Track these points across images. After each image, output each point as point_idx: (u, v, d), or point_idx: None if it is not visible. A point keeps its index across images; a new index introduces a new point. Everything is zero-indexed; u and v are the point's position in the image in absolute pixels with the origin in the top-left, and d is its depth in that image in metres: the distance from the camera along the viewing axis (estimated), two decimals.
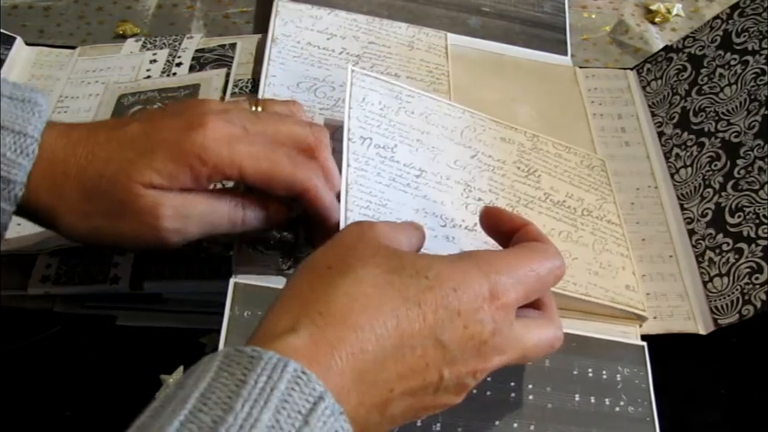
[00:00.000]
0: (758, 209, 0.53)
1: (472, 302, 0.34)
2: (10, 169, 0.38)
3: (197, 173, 0.39)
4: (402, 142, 0.51)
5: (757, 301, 0.49)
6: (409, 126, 0.52)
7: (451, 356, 0.34)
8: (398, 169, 0.50)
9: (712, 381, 0.52)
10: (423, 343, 0.33)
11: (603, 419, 0.46)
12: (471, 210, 0.50)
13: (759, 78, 0.58)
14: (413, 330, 0.33)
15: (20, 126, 0.38)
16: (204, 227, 0.41)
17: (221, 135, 0.39)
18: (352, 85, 0.52)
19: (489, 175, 0.53)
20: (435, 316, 0.33)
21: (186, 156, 0.38)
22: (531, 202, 0.53)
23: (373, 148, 0.50)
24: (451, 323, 0.34)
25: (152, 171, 0.38)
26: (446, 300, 0.34)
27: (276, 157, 0.41)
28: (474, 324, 0.34)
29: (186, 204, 0.40)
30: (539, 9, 0.70)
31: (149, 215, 0.39)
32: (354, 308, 0.32)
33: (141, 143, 0.39)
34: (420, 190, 0.50)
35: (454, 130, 0.54)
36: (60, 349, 0.49)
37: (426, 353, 0.33)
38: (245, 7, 0.72)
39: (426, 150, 0.52)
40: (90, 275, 0.49)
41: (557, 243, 0.50)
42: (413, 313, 0.33)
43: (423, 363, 0.33)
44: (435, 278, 0.34)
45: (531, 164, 0.55)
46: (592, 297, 0.50)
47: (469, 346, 0.34)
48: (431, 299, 0.33)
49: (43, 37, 0.69)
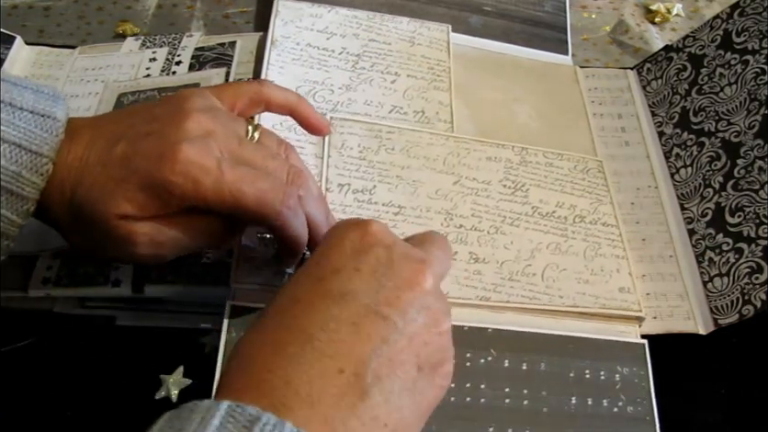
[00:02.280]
0: (758, 208, 0.53)
1: (342, 254, 0.35)
2: (25, 187, 0.39)
3: (167, 202, 0.39)
4: (381, 182, 0.52)
5: (757, 300, 0.49)
6: (389, 163, 0.53)
7: (369, 296, 0.33)
8: (375, 211, 0.51)
9: (712, 381, 0.52)
10: (328, 314, 0.32)
11: (600, 421, 0.46)
12: (452, 239, 0.51)
13: (759, 78, 0.58)
14: (309, 320, 0.32)
15: (37, 146, 0.39)
16: (180, 249, 0.42)
17: (191, 167, 0.38)
18: (330, 133, 0.53)
19: (472, 198, 0.53)
20: (316, 293, 0.33)
21: (155, 188, 0.38)
22: (517, 219, 0.53)
23: (351, 194, 0.51)
24: (339, 280, 0.33)
25: (126, 201, 0.39)
26: (314, 275, 0.34)
27: (244, 194, 0.40)
28: (364, 261, 0.34)
29: (158, 232, 0.40)
30: (540, 9, 0.70)
31: (125, 242, 0.40)
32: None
33: (121, 171, 0.39)
34: (398, 228, 0.51)
35: (436, 158, 0.55)
36: (60, 349, 0.49)
37: (341, 319, 0.32)
38: (245, 7, 0.72)
39: (406, 185, 0.53)
40: (91, 277, 0.49)
41: (545, 256, 0.52)
42: (296, 310, 0.33)
43: (352, 326, 0.32)
44: (297, 275, 0.35)
45: (518, 180, 0.55)
46: (581, 307, 0.50)
47: (382, 275, 0.34)
48: (301, 288, 0.34)
49: (43, 37, 0.69)
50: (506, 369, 0.47)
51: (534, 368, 0.47)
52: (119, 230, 0.39)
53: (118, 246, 0.40)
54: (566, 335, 0.49)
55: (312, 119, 0.47)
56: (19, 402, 0.47)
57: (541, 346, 0.48)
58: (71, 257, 0.50)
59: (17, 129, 0.39)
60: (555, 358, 0.47)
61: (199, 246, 0.43)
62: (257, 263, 0.46)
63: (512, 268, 0.51)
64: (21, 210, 0.40)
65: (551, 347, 0.48)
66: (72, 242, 0.43)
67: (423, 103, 0.59)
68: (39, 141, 0.39)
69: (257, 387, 0.30)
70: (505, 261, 0.51)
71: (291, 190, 0.41)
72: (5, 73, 0.41)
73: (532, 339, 0.48)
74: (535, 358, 0.47)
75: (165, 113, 0.41)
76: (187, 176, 0.38)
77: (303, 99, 0.47)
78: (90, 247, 0.42)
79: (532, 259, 0.51)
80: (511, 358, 0.47)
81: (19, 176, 0.39)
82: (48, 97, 0.41)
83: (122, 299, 0.50)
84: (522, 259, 0.51)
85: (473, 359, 0.47)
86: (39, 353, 0.49)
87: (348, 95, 0.57)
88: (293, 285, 0.34)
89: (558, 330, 0.49)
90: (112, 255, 0.42)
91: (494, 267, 0.50)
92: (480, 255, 0.51)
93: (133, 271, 0.49)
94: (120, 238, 0.39)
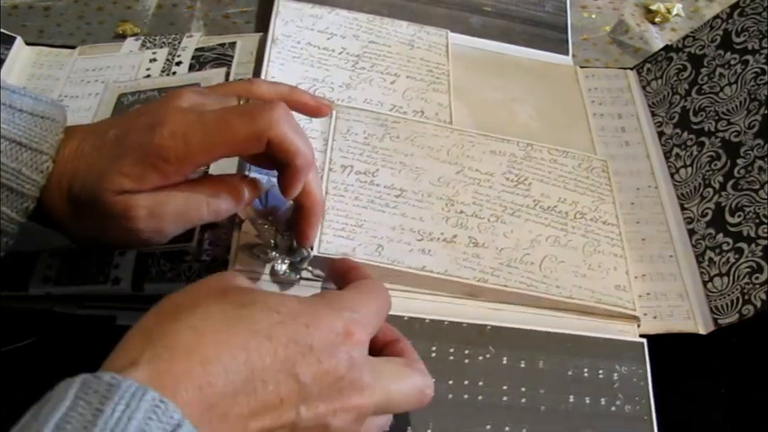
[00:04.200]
0: (758, 208, 0.53)
1: (325, 338, 0.33)
2: (25, 184, 0.39)
3: (164, 171, 0.39)
4: (385, 166, 0.53)
5: (757, 300, 0.49)
6: (393, 150, 0.54)
7: (307, 392, 0.32)
8: (377, 191, 0.51)
9: (712, 381, 0.52)
10: (276, 377, 0.32)
11: (598, 419, 0.46)
12: (452, 224, 0.51)
13: (759, 78, 0.58)
14: (264, 364, 0.31)
15: (37, 144, 0.40)
16: (183, 222, 0.42)
17: (179, 130, 0.39)
18: (336, 118, 0.53)
19: (474, 188, 0.54)
20: (287, 350, 0.32)
21: (150, 157, 0.38)
22: (518, 210, 0.53)
23: (353, 174, 0.51)
24: (304, 357, 0.33)
25: (122, 176, 0.39)
26: (297, 334, 0.33)
27: (230, 119, 0.39)
28: (329, 359, 0.33)
29: (158, 203, 0.40)
30: (540, 9, 0.71)
31: (123, 219, 0.39)
32: (201, 342, 0.31)
33: (114, 150, 0.39)
34: (399, 209, 0.51)
35: (440, 149, 0.55)
36: (60, 349, 0.49)
37: (279, 388, 0.32)
38: (245, 7, 0.72)
39: (409, 171, 0.53)
40: (91, 276, 0.49)
41: (544, 247, 0.52)
42: (264, 347, 0.32)
43: (278, 399, 0.32)
44: (287, 314, 0.33)
45: (521, 174, 0.55)
46: (576, 299, 0.50)
47: (326, 382, 0.33)
48: (282, 333, 0.32)
49: (43, 37, 0.69)
50: (504, 366, 0.47)
51: (532, 365, 0.47)
52: (117, 205, 0.39)
53: (117, 226, 0.40)
54: (565, 333, 0.49)
55: (309, 102, 0.47)
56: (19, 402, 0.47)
57: (540, 343, 0.48)
58: (71, 256, 0.50)
59: (17, 127, 0.40)
60: (553, 356, 0.48)
61: (201, 218, 0.42)
62: (256, 251, 0.47)
63: (511, 255, 0.51)
64: (21, 208, 0.40)
65: (550, 345, 0.48)
66: (73, 236, 0.43)
67: (423, 104, 0.59)
68: (38, 138, 0.40)
69: (185, 390, 0.29)
70: (504, 248, 0.51)
71: (277, 106, 0.40)
72: (5, 83, 0.42)
73: (531, 337, 0.48)
74: (533, 355, 0.47)
75: (156, 103, 0.42)
76: (176, 137, 0.38)
77: (296, 88, 0.47)
78: (91, 236, 0.42)
79: (531, 249, 0.52)
80: (509, 355, 0.47)
81: (19, 174, 0.39)
82: (47, 103, 0.42)
83: (122, 297, 0.50)
84: (521, 248, 0.51)
85: (471, 356, 0.47)
86: (39, 353, 0.49)
87: (348, 93, 0.57)
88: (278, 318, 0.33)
89: (557, 328, 0.49)
90: (113, 238, 0.42)
91: (493, 253, 0.51)
92: (479, 240, 0.51)
93: (133, 269, 0.49)
94: (119, 214, 0.39)
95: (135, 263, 0.50)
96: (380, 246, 0.49)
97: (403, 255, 0.49)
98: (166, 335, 0.31)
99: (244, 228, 0.48)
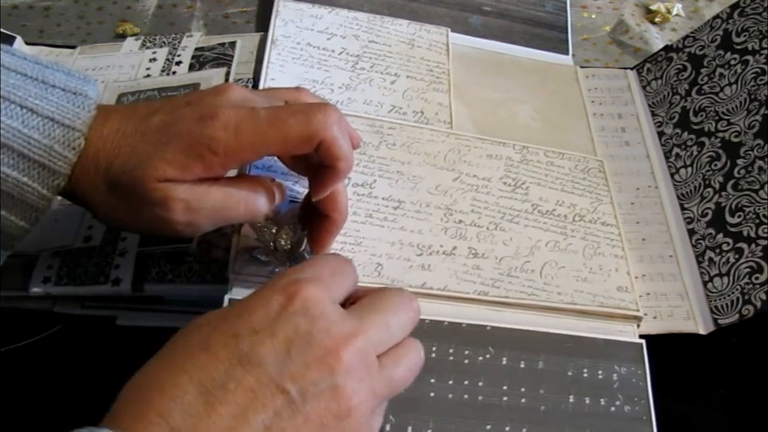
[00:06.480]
0: (758, 208, 0.53)
1: (264, 313, 0.33)
2: (56, 161, 0.39)
3: (210, 163, 0.39)
4: (382, 176, 0.53)
5: (757, 300, 0.49)
6: (389, 159, 0.54)
7: (279, 368, 0.32)
8: (375, 204, 0.51)
9: (712, 381, 0.52)
10: (232, 375, 0.31)
11: (598, 420, 0.46)
12: (451, 234, 0.51)
13: (759, 78, 0.58)
14: (210, 372, 0.31)
15: (70, 120, 0.39)
16: (218, 218, 0.41)
17: (231, 123, 0.39)
18: None
19: (472, 195, 0.53)
20: (229, 348, 0.32)
21: (198, 147, 0.38)
22: (516, 216, 0.53)
23: (351, 188, 0.51)
24: (252, 343, 0.32)
25: (166, 164, 0.38)
26: (233, 329, 0.32)
27: (285, 118, 0.39)
28: (283, 327, 0.33)
29: (198, 196, 0.40)
30: (541, 8, 0.71)
31: (160, 207, 0.39)
32: (143, 392, 0.31)
33: (160, 136, 0.39)
34: (397, 222, 0.51)
35: (437, 155, 0.55)
36: (60, 349, 0.49)
37: (243, 381, 0.31)
38: (245, 7, 0.72)
39: (406, 180, 0.53)
40: (91, 276, 0.49)
41: (544, 253, 0.52)
42: (202, 359, 0.31)
43: (249, 391, 0.31)
44: (218, 319, 0.33)
45: (519, 177, 0.55)
46: (579, 305, 0.50)
47: (296, 348, 0.32)
48: (217, 337, 0.32)
49: (43, 37, 0.69)
50: (504, 366, 0.47)
51: (532, 366, 0.47)
52: (157, 193, 0.39)
53: (153, 213, 0.39)
54: (564, 333, 0.49)
55: (352, 134, 0.45)
56: (19, 402, 0.47)
57: (540, 344, 0.48)
58: (71, 256, 0.50)
59: (50, 103, 0.39)
60: (553, 356, 0.48)
61: (237, 217, 0.42)
62: (256, 253, 0.46)
63: (510, 264, 0.51)
64: (52, 185, 0.39)
65: (550, 346, 0.48)
66: (99, 215, 0.42)
67: (423, 104, 0.59)
68: (71, 115, 0.39)
69: (144, 427, 0.30)
70: (504, 257, 0.51)
71: (331, 109, 0.40)
72: (37, 57, 0.41)
73: (530, 337, 0.48)
74: (533, 356, 0.47)
75: (204, 92, 0.42)
76: (228, 130, 0.38)
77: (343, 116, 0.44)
78: (120, 218, 0.41)
79: (531, 256, 0.52)
80: (509, 355, 0.47)
81: (52, 150, 0.39)
82: (79, 79, 0.41)
83: (122, 297, 0.50)
84: (521, 255, 0.51)
85: (471, 357, 0.47)
86: (39, 353, 0.49)
87: (348, 94, 0.57)
88: (209, 328, 0.33)
89: (556, 329, 0.49)
90: (143, 224, 0.41)
91: (493, 263, 0.51)
92: (479, 250, 0.51)
93: (133, 270, 0.49)
94: (157, 202, 0.39)
95: (135, 263, 0.50)
96: (380, 265, 0.49)
97: (403, 273, 0.48)
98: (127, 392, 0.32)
99: (243, 231, 0.48)
